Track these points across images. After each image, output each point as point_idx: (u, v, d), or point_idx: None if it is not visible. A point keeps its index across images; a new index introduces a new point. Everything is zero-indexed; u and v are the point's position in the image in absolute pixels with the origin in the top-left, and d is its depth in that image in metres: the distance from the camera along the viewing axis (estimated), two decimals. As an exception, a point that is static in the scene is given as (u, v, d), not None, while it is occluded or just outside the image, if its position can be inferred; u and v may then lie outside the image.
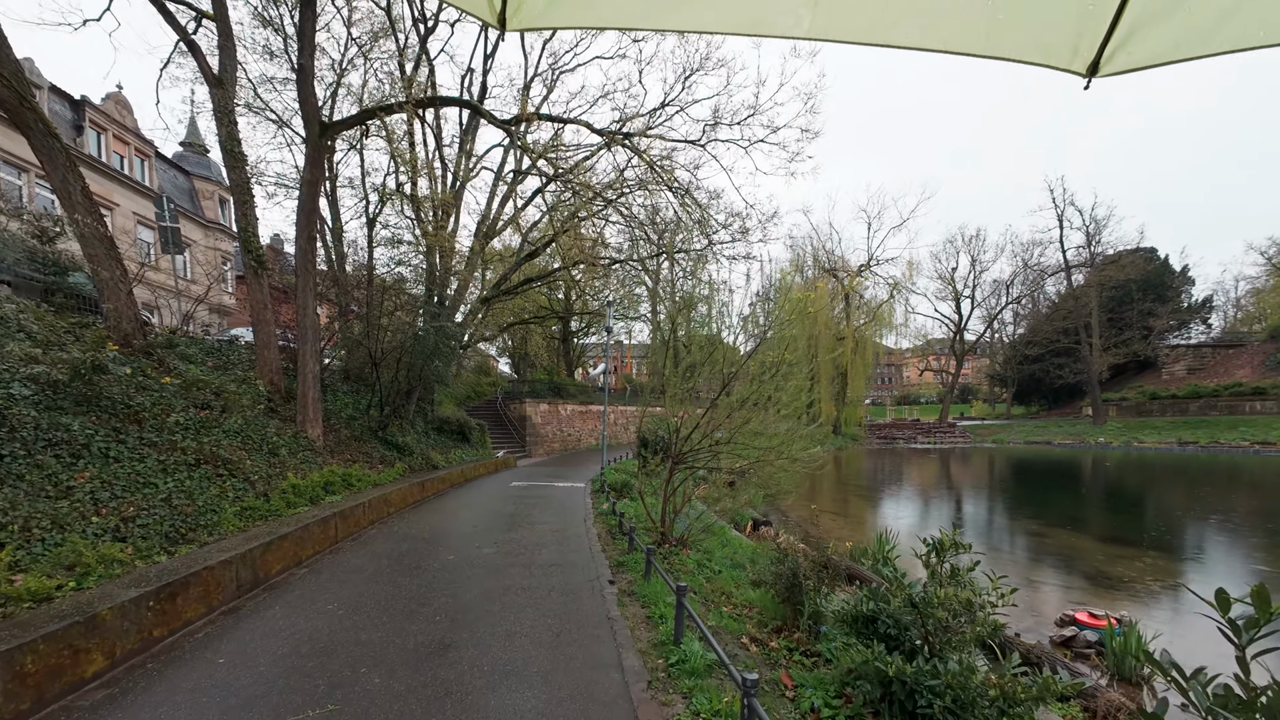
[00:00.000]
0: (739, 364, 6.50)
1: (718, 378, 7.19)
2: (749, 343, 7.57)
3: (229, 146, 11.46)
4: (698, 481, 8.73)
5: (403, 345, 13.89)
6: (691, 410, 7.32)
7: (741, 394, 6.45)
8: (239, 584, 5.27)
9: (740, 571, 7.21)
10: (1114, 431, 44.61)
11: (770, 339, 6.77)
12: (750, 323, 7.14)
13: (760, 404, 6.66)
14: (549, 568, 6.54)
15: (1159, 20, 1.44)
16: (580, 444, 30.45)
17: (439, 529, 8.74)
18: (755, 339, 7.10)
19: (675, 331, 7.04)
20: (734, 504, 10.02)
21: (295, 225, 10.81)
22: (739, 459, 6.75)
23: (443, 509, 10.65)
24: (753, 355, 6.61)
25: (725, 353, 7.12)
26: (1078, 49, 1.53)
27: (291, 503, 7.63)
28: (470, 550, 7.33)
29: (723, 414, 6.58)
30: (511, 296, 25.05)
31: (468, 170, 18.02)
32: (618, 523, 9.14)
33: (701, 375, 7.08)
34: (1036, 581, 9.66)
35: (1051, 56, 1.56)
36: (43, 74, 25.51)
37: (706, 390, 8.92)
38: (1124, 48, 1.49)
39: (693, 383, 7.03)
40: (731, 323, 7.26)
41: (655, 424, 22.09)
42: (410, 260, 19.01)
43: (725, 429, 6.62)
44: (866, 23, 1.60)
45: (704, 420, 7.13)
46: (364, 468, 11.16)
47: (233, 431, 8.75)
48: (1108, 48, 1.49)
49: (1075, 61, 1.55)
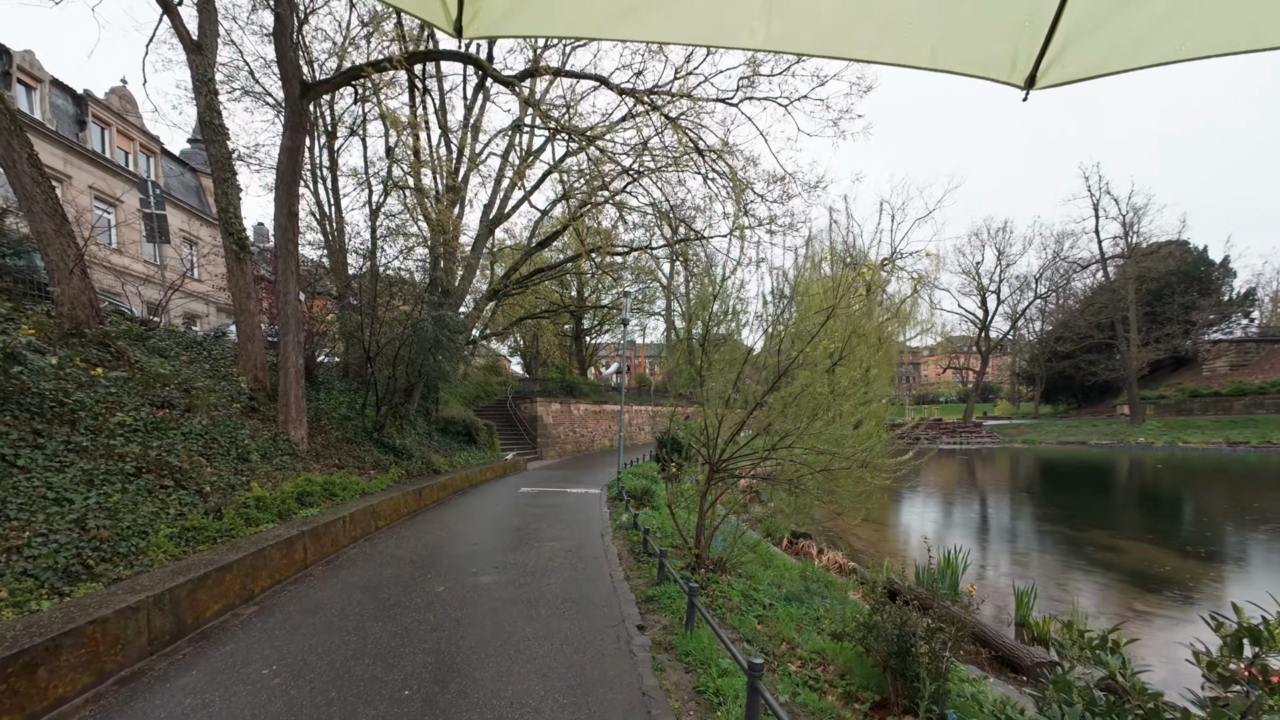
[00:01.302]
0: (801, 348, 5.11)
1: (766, 369, 5.80)
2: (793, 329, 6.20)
3: (207, 118, 10.31)
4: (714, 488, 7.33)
5: (400, 338, 12.64)
6: (733, 409, 5.92)
7: (806, 379, 5.04)
8: (151, 636, 3.98)
9: (798, 608, 5.80)
10: (1154, 431, 42.29)
11: (832, 326, 5.36)
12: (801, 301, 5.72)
13: (831, 398, 5.26)
14: (561, 605, 5.19)
15: (1090, 35, 1.51)
16: (594, 445, 29.13)
17: (432, 548, 7.43)
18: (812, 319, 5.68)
19: (708, 320, 5.60)
20: (763, 510, 8.63)
21: (274, 199, 9.59)
22: (800, 466, 5.34)
23: (440, 521, 9.36)
24: (813, 340, 5.20)
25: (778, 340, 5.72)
26: (1015, 63, 1.59)
27: (252, 519, 6.36)
28: (465, 578, 6.00)
29: (776, 410, 5.19)
30: (521, 291, 23.82)
31: (474, 153, 16.79)
32: (641, 540, 7.78)
33: (748, 366, 5.69)
34: (1146, 613, 8.10)
35: (991, 70, 1.62)
36: (44, 67, 24.75)
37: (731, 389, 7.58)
38: (1058, 61, 1.56)
39: (737, 374, 5.64)
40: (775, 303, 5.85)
41: (677, 425, 20.72)
42: (414, 252, 17.85)
43: (781, 428, 5.22)
44: (817, 36, 1.66)
45: (751, 419, 5.73)
46: (352, 474, 9.91)
47: (194, 434, 7.52)
48: (1043, 62, 1.56)
49: (1014, 75, 1.61)
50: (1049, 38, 1.50)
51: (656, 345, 55.18)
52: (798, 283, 5.33)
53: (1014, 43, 1.56)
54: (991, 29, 1.57)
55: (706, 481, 6.34)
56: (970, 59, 1.62)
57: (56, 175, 23.95)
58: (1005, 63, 1.59)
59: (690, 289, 36.21)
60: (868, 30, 1.62)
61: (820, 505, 5.76)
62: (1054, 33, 1.49)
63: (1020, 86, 1.61)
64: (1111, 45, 1.51)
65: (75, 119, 26.47)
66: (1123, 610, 8.12)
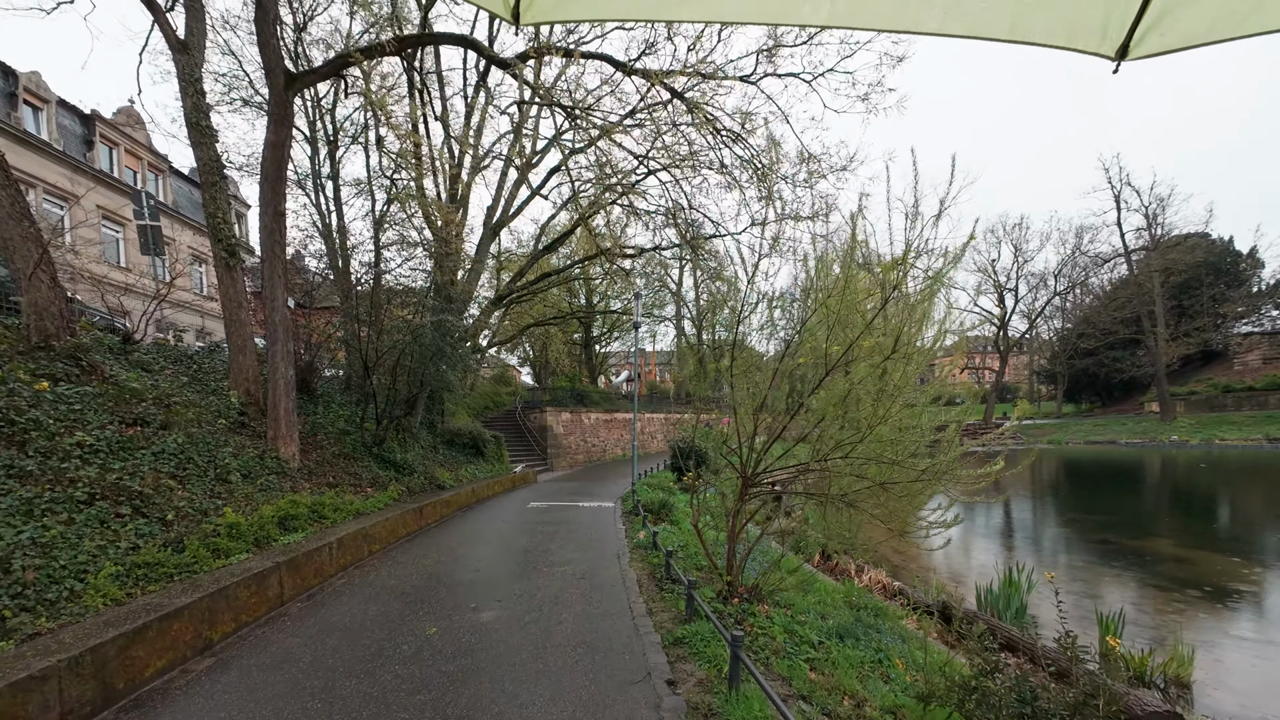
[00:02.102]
0: (853, 340, 4.25)
1: (802, 368, 4.95)
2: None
3: (194, 119, 9.75)
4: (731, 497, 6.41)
5: (401, 346, 11.92)
6: (773, 413, 5.07)
7: (860, 374, 4.18)
8: (64, 711, 3.19)
9: (854, 647, 4.90)
10: (1186, 429, 40.60)
11: (891, 319, 4.52)
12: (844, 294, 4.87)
13: (880, 397, 4.39)
14: (573, 652, 4.34)
15: (1191, 1, 1.37)
16: (605, 455, 28.26)
17: (429, 576, 6.61)
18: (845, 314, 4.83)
19: (740, 309, 4.75)
20: (788, 524, 7.72)
21: (259, 199, 8.95)
22: (855, 479, 4.47)
23: (441, 543, 8.55)
24: (869, 325, 4.35)
25: (818, 337, 4.88)
26: (1106, 31, 1.47)
27: (221, 550, 5.59)
28: (463, 615, 5.18)
29: (830, 414, 4.32)
30: (529, 298, 23.14)
31: (477, 156, 16.17)
32: (663, 564, 6.92)
33: (788, 359, 4.84)
34: (1249, 640, 7.06)
35: (1078, 40, 1.51)
36: (50, 88, 24.68)
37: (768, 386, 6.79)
38: (1156, 28, 1.42)
39: (773, 373, 4.79)
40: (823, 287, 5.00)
41: (696, 434, 19.72)
42: (416, 252, 17.20)
43: (834, 435, 4.36)
44: (889, 10, 1.58)
45: (791, 425, 4.87)
46: (347, 493, 9.15)
47: (166, 453, 6.80)
48: (1138, 29, 1.42)
49: (1104, 45, 1.50)
50: (1145, 3, 1.37)
51: (665, 353, 54.36)
52: (845, 257, 4.49)
53: (1105, 9, 1.43)
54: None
55: (739, 497, 5.48)
56: (1055, 28, 1.50)
57: (63, 195, 23.77)
58: (1095, 31, 1.47)
59: (700, 291, 35.32)
60: (943, 1, 1.49)
61: (877, 523, 4.87)
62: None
63: (1111, 57, 1.49)
64: (1219, 9, 1.35)
65: (83, 139, 26.39)
66: (1217, 636, 7.09)
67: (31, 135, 22.58)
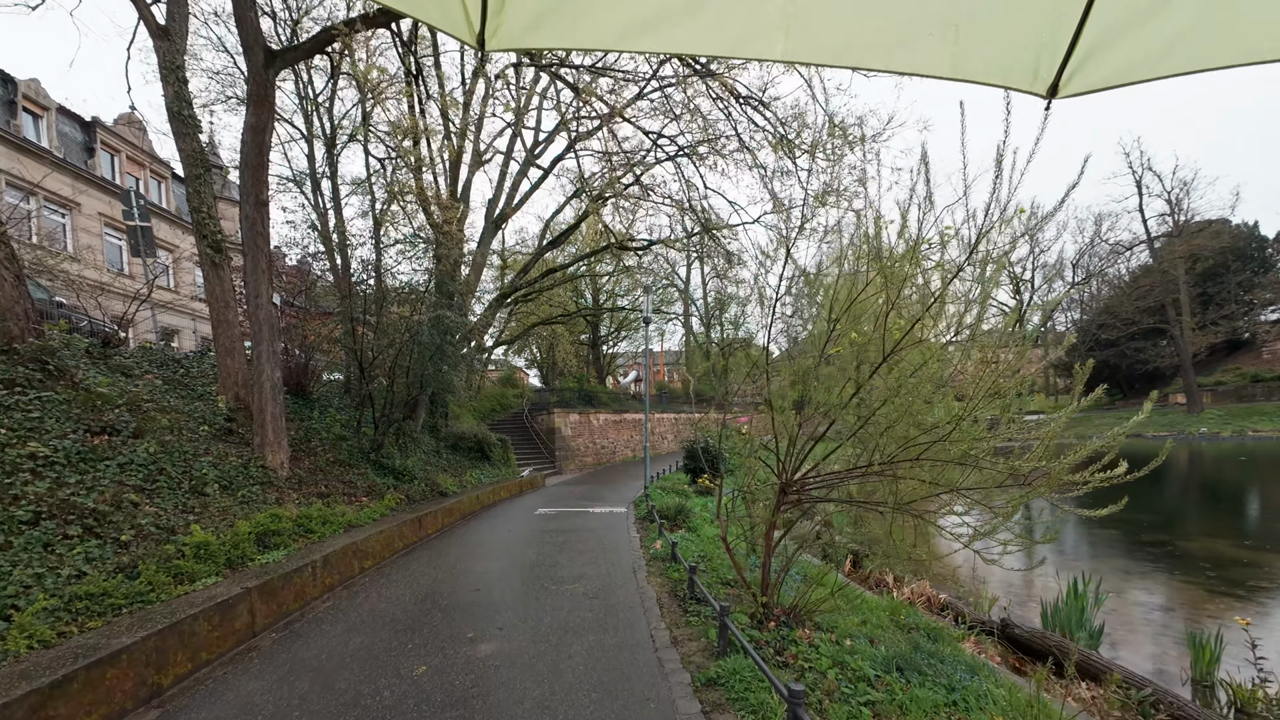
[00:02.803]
0: (918, 318, 3.51)
1: (853, 355, 4.20)
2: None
3: (176, 109, 9.17)
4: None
5: (397, 345, 11.27)
6: (810, 410, 4.32)
7: (915, 361, 3.42)
8: (-58, 799, 2.53)
9: (919, 683, 4.12)
10: (1216, 420, 39.27)
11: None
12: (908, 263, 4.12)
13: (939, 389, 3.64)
14: (588, 697, 3.61)
15: (1115, 44, 1.48)
16: (615, 457, 27.54)
17: (424, 597, 5.91)
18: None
19: (779, 287, 3.97)
20: (811, 528, 6.93)
21: (239, 187, 8.32)
22: (926, 484, 3.70)
23: (440, 557, 7.86)
24: (937, 300, 3.60)
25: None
26: (1037, 72, 1.57)
27: (186, 574, 4.92)
28: (459, 649, 4.47)
29: (893, 406, 3.56)
30: (534, 297, 22.48)
31: (478, 149, 15.52)
32: (686, 579, 6.18)
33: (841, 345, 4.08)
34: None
35: (1012, 79, 1.61)
36: (50, 94, 24.44)
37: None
38: (1081, 70, 1.53)
39: (820, 353, 4.03)
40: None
41: (710, 433, 18.90)
42: (416, 251, 16.60)
43: (900, 433, 3.59)
44: (834, 47, 1.66)
45: (842, 424, 4.12)
46: (339, 503, 8.49)
47: (136, 464, 6.16)
48: (1065, 71, 1.53)
49: (1036, 84, 1.59)
50: (1072, 47, 1.48)
51: (674, 352, 53.61)
52: (904, 228, 3.73)
53: (1036, 52, 1.54)
54: (1013, 39, 1.55)
55: (775, 507, 4.72)
56: (992, 68, 1.60)
57: (65, 203, 23.46)
58: (1028, 72, 1.58)
59: (709, 287, 34.50)
60: (886, 41, 1.60)
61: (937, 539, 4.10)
62: (1077, 42, 1.46)
63: (1043, 95, 1.59)
64: (1136, 54, 1.48)
65: (84, 146, 26.16)
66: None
67: (31, 143, 22.28)
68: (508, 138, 16.03)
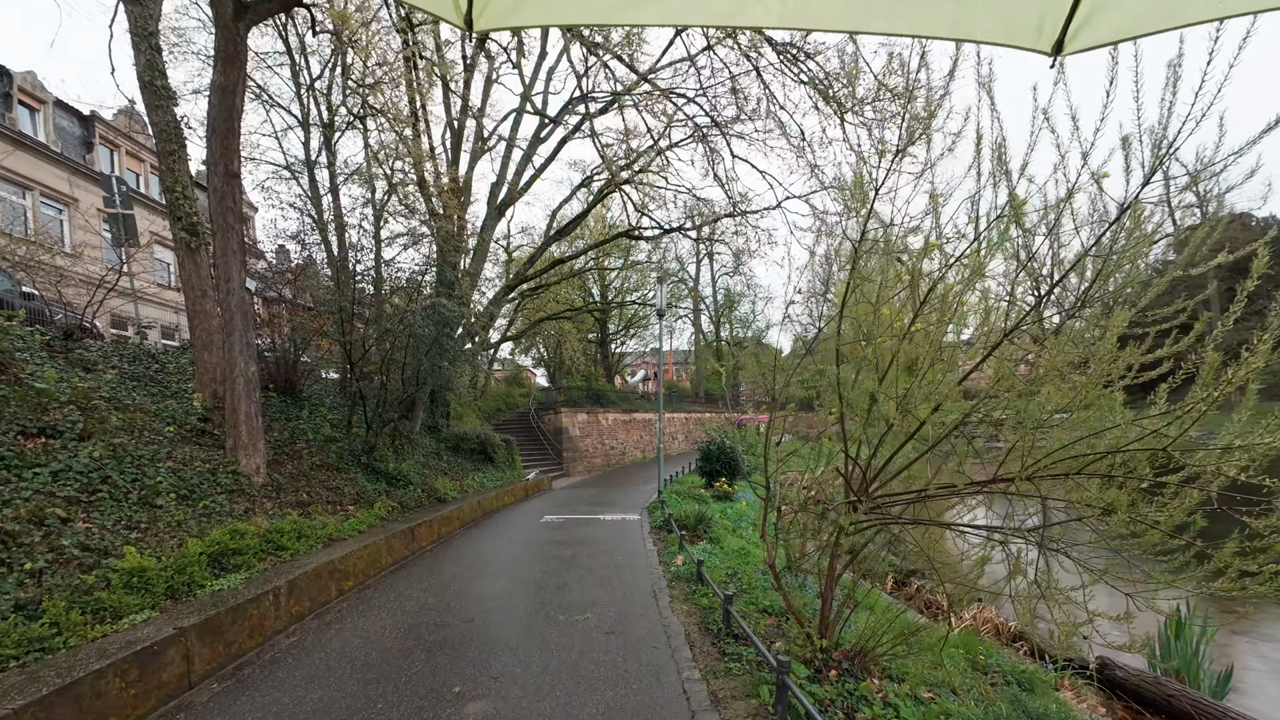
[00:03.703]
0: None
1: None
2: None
3: (148, 78, 8.35)
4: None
5: (391, 337, 10.35)
6: (893, 403, 3.31)
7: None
8: None
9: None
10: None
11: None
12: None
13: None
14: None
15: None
16: (624, 458, 26.56)
17: (407, 631, 4.96)
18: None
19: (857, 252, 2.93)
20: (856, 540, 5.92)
21: (206, 156, 7.42)
22: (1092, 508, 2.69)
23: (432, 576, 6.91)
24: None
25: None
26: (1041, 29, 1.53)
27: (111, 610, 3.99)
28: (440, 712, 3.50)
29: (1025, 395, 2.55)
30: (541, 292, 21.56)
31: (481, 131, 14.60)
32: (717, 607, 5.19)
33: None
34: None
35: (1016, 37, 1.57)
36: (46, 87, 23.84)
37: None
38: (1087, 25, 1.49)
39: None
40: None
41: (718, 433, 17.78)
42: (413, 232, 15.71)
43: (1053, 440, 2.59)
44: (835, 10, 1.62)
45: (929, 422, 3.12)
46: (320, 513, 7.57)
47: (74, 471, 5.27)
48: (1070, 27, 1.49)
49: (1040, 41, 1.55)
50: (1076, 2, 1.42)
51: (682, 351, 52.51)
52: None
53: (1039, 9, 1.49)
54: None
55: (835, 531, 3.71)
56: (994, 26, 1.55)
57: (62, 199, 22.80)
58: (1031, 28, 1.52)
59: (716, 280, 33.33)
60: (887, 1, 1.56)
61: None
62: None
63: (1047, 53, 1.53)
64: (1145, 5, 1.43)
65: (82, 141, 25.55)
66: None
67: (27, 136, 21.62)
68: (511, 121, 15.13)
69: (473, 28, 1.51)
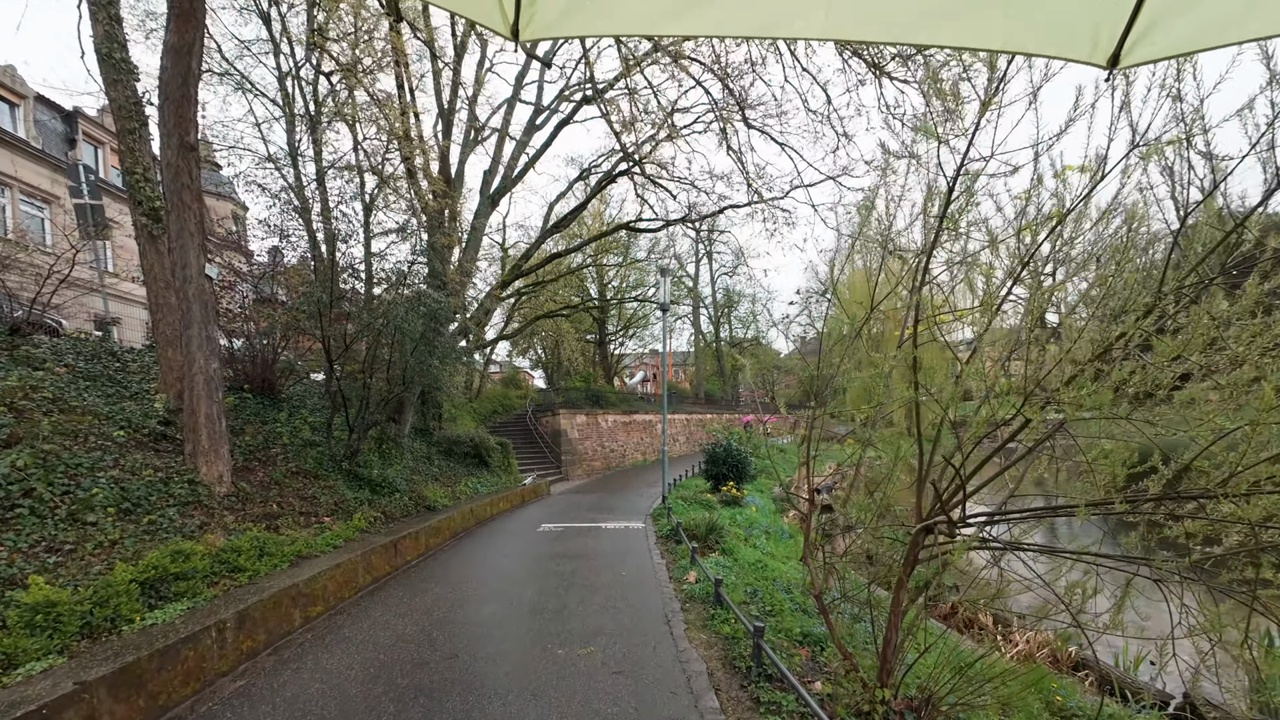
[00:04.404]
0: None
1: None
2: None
3: (105, 50, 7.63)
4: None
5: (373, 330, 9.56)
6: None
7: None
8: None
9: None
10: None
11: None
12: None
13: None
14: None
15: (1180, 11, 1.39)
16: (625, 460, 25.77)
17: (376, 675, 4.17)
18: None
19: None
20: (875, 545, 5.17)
21: (158, 126, 6.63)
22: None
23: (415, 598, 6.12)
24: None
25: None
26: (1097, 42, 1.48)
27: (2, 658, 3.21)
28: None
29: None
30: (536, 290, 20.78)
31: (473, 112, 13.83)
32: (742, 639, 4.43)
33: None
34: None
35: (1070, 50, 1.52)
36: (26, 82, 22.99)
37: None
38: (1145, 39, 1.45)
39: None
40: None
41: (723, 434, 16.99)
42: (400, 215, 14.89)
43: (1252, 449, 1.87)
44: (881, 22, 1.56)
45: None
46: (290, 526, 6.77)
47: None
48: (1128, 40, 1.44)
49: (1095, 54, 1.50)
50: (1135, 13, 1.37)
51: (681, 352, 51.75)
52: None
53: (1095, 20, 1.44)
54: (1069, 5, 1.46)
55: (912, 547, 2.95)
56: (1047, 39, 1.51)
57: (45, 196, 21.94)
58: (1086, 42, 1.47)
59: (716, 284, 32.63)
60: (933, 13, 1.50)
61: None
62: (1140, 7, 1.35)
63: (1103, 66, 1.48)
64: (1204, 19, 1.37)
65: (64, 137, 24.68)
66: None
67: (6, 132, 20.77)
68: (504, 109, 14.39)
69: (519, 38, 1.50)
